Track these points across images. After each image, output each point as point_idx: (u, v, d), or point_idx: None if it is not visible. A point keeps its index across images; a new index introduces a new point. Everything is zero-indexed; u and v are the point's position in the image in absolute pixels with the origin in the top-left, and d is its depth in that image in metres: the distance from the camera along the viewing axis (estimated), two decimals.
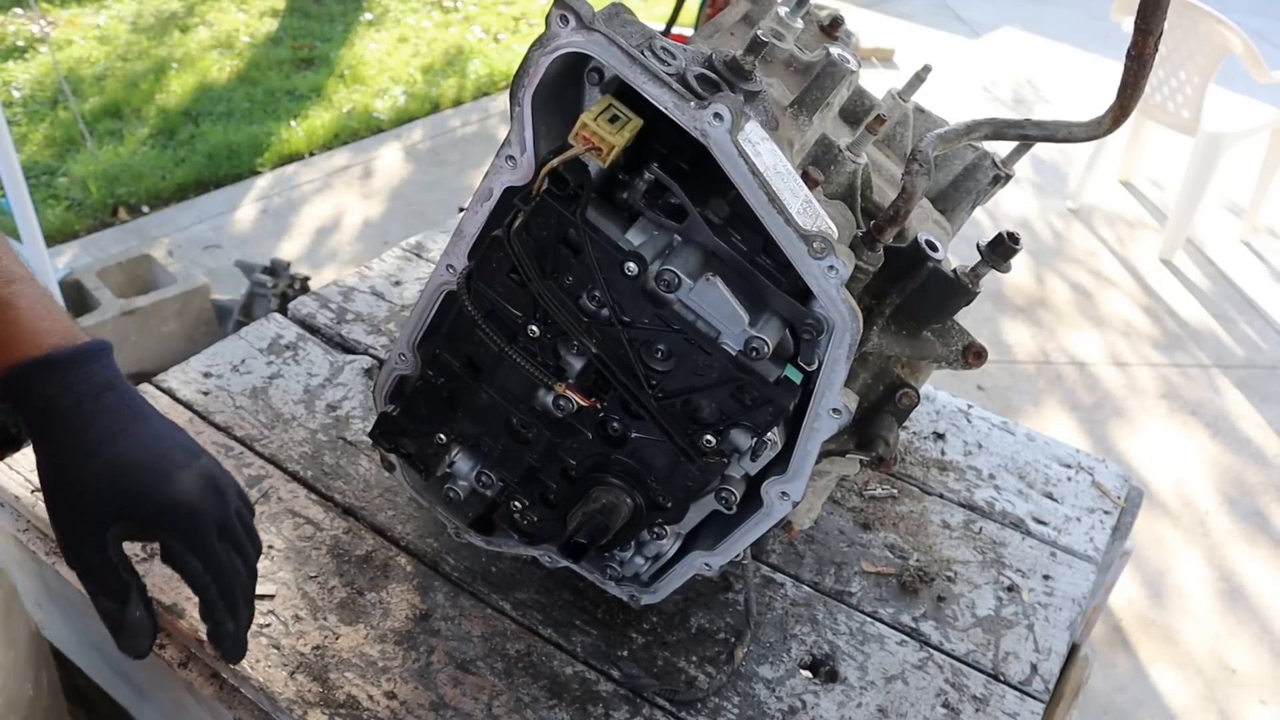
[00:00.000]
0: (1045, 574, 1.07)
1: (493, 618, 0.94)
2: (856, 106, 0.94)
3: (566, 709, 0.86)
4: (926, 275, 0.80)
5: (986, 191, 0.96)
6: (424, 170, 4.24)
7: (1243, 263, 4.18)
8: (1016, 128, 0.83)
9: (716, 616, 0.97)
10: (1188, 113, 3.92)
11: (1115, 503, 1.19)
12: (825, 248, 0.67)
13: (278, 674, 0.85)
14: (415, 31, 5.39)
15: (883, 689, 0.92)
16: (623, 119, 0.69)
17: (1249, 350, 3.63)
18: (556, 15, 0.67)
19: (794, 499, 0.77)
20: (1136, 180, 4.68)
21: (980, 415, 1.30)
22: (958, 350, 0.85)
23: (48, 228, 3.39)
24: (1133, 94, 0.74)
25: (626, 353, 0.74)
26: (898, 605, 1.01)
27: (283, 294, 2.87)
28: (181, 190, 3.88)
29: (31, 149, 3.96)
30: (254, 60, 4.86)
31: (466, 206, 0.78)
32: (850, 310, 0.69)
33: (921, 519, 1.12)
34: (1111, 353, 3.53)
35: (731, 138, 0.65)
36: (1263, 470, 3.06)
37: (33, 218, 2.59)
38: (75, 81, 4.41)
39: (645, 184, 0.70)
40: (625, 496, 0.80)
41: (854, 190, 0.85)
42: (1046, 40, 6.20)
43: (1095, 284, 3.92)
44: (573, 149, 0.69)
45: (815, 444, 0.75)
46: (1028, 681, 0.95)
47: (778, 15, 0.91)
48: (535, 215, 0.72)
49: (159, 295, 2.83)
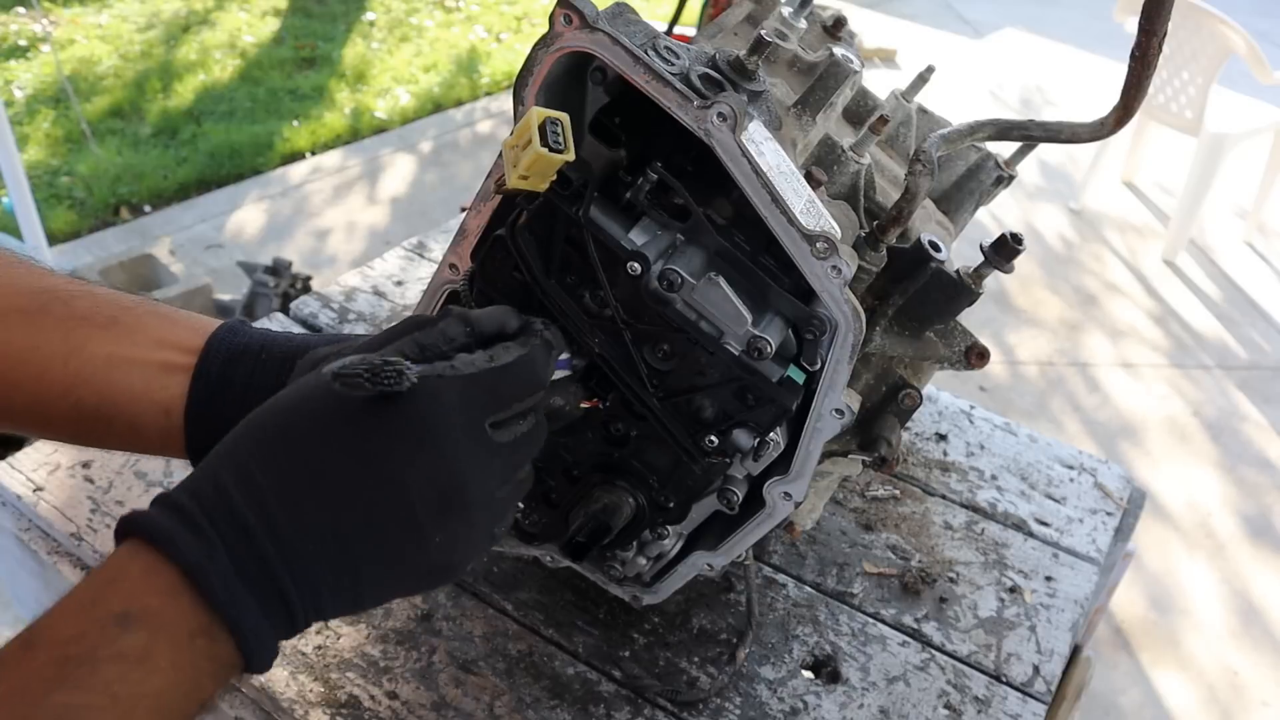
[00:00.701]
0: (1047, 575, 1.07)
1: (494, 618, 0.94)
2: (860, 107, 0.94)
3: (568, 709, 0.86)
4: (929, 276, 0.80)
5: (990, 192, 0.96)
6: (426, 170, 4.25)
7: (1246, 264, 4.18)
8: (1020, 128, 0.83)
9: (718, 617, 0.97)
10: (1191, 113, 3.92)
11: (1118, 504, 1.19)
12: (828, 248, 0.67)
13: (279, 673, 0.85)
14: (417, 31, 5.40)
15: (885, 690, 0.92)
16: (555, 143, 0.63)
17: (1252, 352, 3.62)
18: (560, 14, 0.67)
19: (796, 499, 0.77)
20: (1140, 181, 4.68)
21: (982, 416, 1.30)
22: (960, 351, 0.85)
23: (50, 227, 3.39)
24: (1136, 95, 0.74)
25: (629, 352, 0.73)
26: (900, 606, 1.01)
27: (284, 293, 2.88)
28: (183, 190, 3.88)
29: (34, 148, 3.96)
30: (256, 60, 4.87)
31: (469, 206, 0.78)
32: (853, 310, 0.69)
33: (924, 520, 1.12)
34: (1114, 354, 3.53)
35: (735, 137, 0.65)
36: (1265, 472, 3.06)
37: (35, 217, 2.60)
38: (78, 81, 4.41)
39: (649, 184, 0.70)
40: (627, 496, 0.80)
41: (857, 191, 0.85)
42: (1049, 41, 6.19)
43: (1098, 285, 3.91)
44: None
45: (818, 444, 0.75)
46: (1030, 683, 0.95)
47: (781, 15, 0.91)
48: (538, 214, 0.71)
49: (161, 295, 2.83)
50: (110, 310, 0.70)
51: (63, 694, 0.47)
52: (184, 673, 0.50)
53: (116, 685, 0.47)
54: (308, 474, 0.54)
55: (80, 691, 0.47)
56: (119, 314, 0.70)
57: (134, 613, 0.49)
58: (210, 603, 0.51)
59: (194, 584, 0.50)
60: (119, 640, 0.49)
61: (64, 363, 0.66)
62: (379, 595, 0.58)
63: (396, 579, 0.58)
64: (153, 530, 0.52)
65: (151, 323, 0.70)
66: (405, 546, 0.56)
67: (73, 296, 0.69)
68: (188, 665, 0.50)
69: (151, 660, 0.49)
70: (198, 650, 0.51)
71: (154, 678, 0.49)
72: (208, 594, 0.50)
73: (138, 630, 0.49)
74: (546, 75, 0.70)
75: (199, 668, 0.51)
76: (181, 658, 0.50)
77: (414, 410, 0.55)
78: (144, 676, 0.48)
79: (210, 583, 0.50)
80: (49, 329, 0.67)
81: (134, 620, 0.49)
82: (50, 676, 0.47)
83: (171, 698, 0.50)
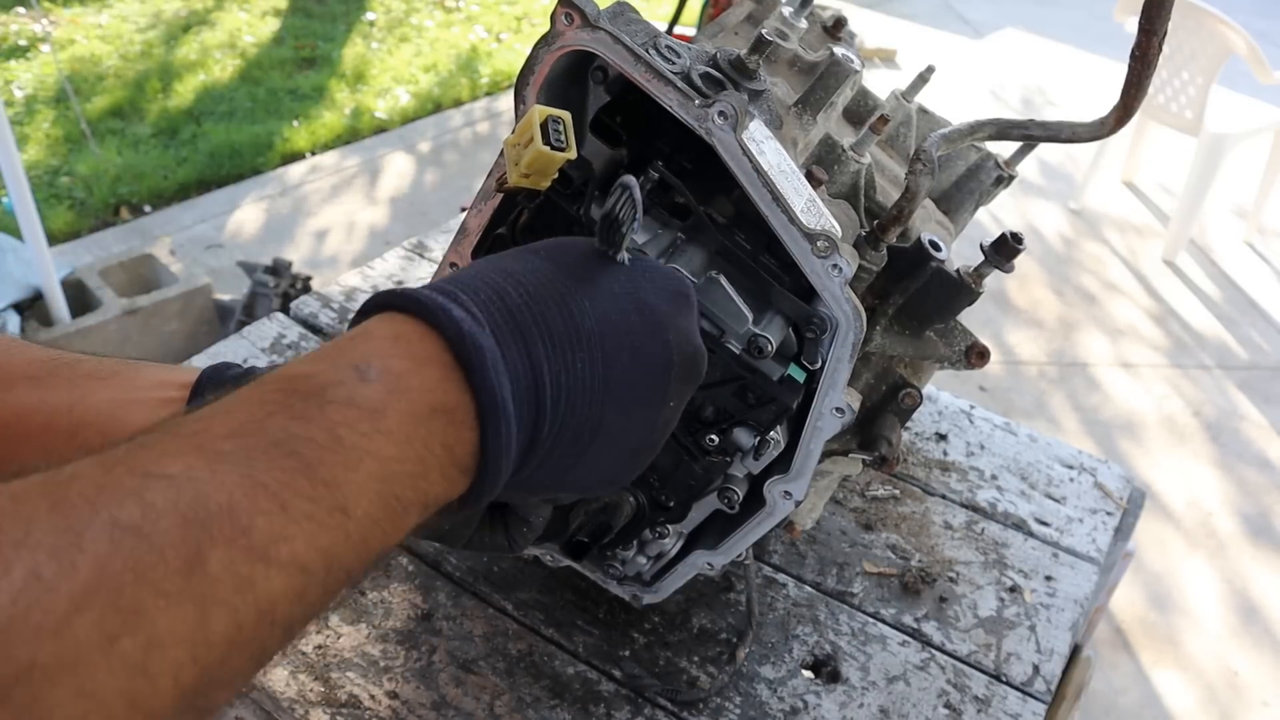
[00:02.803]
0: (1047, 575, 1.07)
1: (494, 617, 0.94)
2: (860, 107, 0.94)
3: (568, 709, 0.86)
4: (930, 275, 0.80)
5: (990, 192, 0.96)
6: (426, 170, 4.25)
7: (1246, 264, 4.18)
8: (1020, 128, 0.83)
9: (718, 616, 0.97)
10: (1191, 113, 3.92)
11: (1118, 504, 1.19)
12: (829, 246, 0.67)
13: (279, 673, 0.85)
14: (417, 31, 5.39)
15: (884, 690, 0.92)
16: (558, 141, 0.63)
17: (1252, 352, 3.62)
18: (561, 13, 0.67)
19: (797, 498, 0.77)
20: (1139, 181, 4.68)
21: (983, 416, 1.30)
22: (961, 350, 0.85)
23: (50, 227, 3.39)
24: (1136, 94, 0.74)
25: None
26: (900, 606, 1.01)
27: (285, 293, 2.88)
28: (184, 190, 3.88)
29: (34, 148, 3.96)
30: (256, 60, 4.86)
31: (469, 205, 0.78)
32: (854, 309, 0.69)
33: (924, 520, 1.12)
34: (1114, 354, 3.53)
35: (736, 136, 0.65)
36: (1265, 472, 3.06)
37: (35, 217, 2.60)
38: (77, 81, 4.41)
39: (649, 182, 0.70)
40: (628, 495, 0.80)
41: (858, 190, 0.85)
42: (1049, 41, 6.19)
43: (1098, 285, 3.91)
44: None
45: (818, 443, 0.75)
46: (1030, 682, 0.95)
47: (782, 15, 0.91)
48: (540, 213, 0.72)
49: (161, 295, 2.83)
50: (113, 366, 0.71)
51: (283, 419, 0.42)
52: (414, 450, 0.44)
53: (343, 429, 0.42)
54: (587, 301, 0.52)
55: (302, 423, 0.42)
56: (121, 369, 0.71)
57: (376, 367, 0.45)
58: (470, 379, 0.46)
59: (455, 354, 0.46)
60: (354, 386, 0.44)
61: (69, 410, 0.67)
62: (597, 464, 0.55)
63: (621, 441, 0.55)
64: (410, 301, 0.48)
65: (151, 371, 0.72)
66: (652, 400, 0.55)
67: (79, 361, 0.71)
68: (420, 443, 0.44)
69: (384, 418, 0.43)
70: (433, 431, 0.45)
71: (381, 440, 0.43)
72: (470, 367, 0.46)
73: (376, 384, 0.44)
74: (548, 74, 0.70)
75: (430, 452, 0.45)
76: (416, 431, 0.44)
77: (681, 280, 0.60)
78: (372, 432, 0.43)
79: (476, 357, 0.46)
80: (56, 387, 0.68)
81: (374, 373, 0.44)
82: (274, 403, 0.42)
83: (396, 473, 0.44)
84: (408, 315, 0.48)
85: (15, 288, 2.74)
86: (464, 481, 0.48)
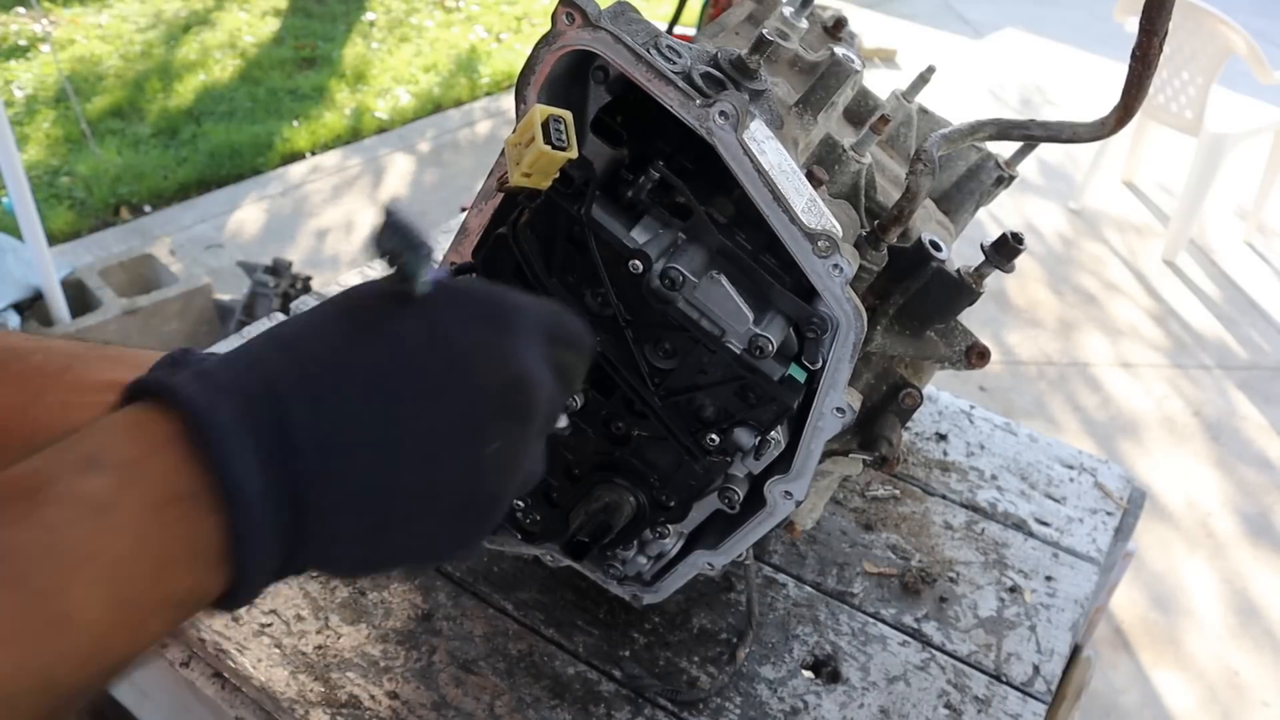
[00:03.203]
0: (1047, 575, 1.07)
1: (495, 617, 0.94)
2: (861, 107, 0.94)
3: (568, 709, 0.86)
4: (930, 275, 0.80)
5: (990, 192, 0.96)
6: (426, 170, 4.25)
7: (1246, 264, 4.18)
8: (1021, 128, 0.83)
9: (718, 617, 0.97)
10: (1191, 113, 3.92)
11: (1118, 504, 1.19)
12: (830, 246, 0.67)
13: (279, 673, 0.85)
14: (417, 31, 5.39)
15: (885, 690, 0.92)
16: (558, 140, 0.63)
17: (1252, 352, 3.62)
18: (562, 13, 0.67)
19: (797, 498, 0.77)
20: (1140, 181, 4.68)
21: (983, 416, 1.30)
22: (961, 350, 0.85)
23: (50, 227, 3.39)
24: (1137, 94, 0.74)
25: (630, 351, 0.73)
26: (900, 606, 1.01)
27: (285, 294, 2.88)
28: (184, 190, 3.88)
29: (34, 148, 3.96)
30: (256, 60, 4.86)
31: (470, 205, 0.78)
32: (855, 309, 0.69)
33: (924, 520, 1.12)
34: (1114, 354, 3.53)
35: (737, 136, 0.65)
36: (1265, 472, 3.06)
37: (35, 217, 2.60)
38: (77, 81, 4.41)
39: (650, 182, 0.70)
40: (628, 495, 0.80)
41: (858, 190, 0.85)
42: (1050, 41, 6.19)
43: (1098, 285, 3.91)
44: None
45: (819, 443, 0.75)
46: (1030, 683, 0.95)
47: (782, 15, 0.91)
48: (540, 213, 0.72)
49: (161, 295, 2.83)
50: (62, 360, 0.70)
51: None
52: (150, 545, 0.40)
53: (61, 530, 0.38)
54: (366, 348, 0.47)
55: (11, 528, 0.38)
56: (71, 362, 0.70)
57: (106, 457, 0.41)
58: (208, 458, 0.41)
59: (192, 435, 0.41)
60: (76, 480, 0.39)
61: (23, 412, 0.66)
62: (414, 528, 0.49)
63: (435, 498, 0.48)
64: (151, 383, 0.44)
65: (100, 367, 0.70)
66: (464, 444, 0.48)
67: (28, 352, 0.70)
68: (155, 538, 0.40)
69: (113, 513, 0.39)
70: (171, 521, 0.41)
71: (110, 538, 0.39)
72: (208, 446, 0.41)
73: (104, 476, 0.40)
74: (549, 74, 0.70)
75: (171, 546, 0.41)
76: (151, 524, 0.40)
77: (498, 301, 0.51)
78: (97, 530, 0.39)
79: (215, 434, 0.41)
80: (8, 384, 0.67)
81: (103, 464, 0.40)
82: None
83: (130, 574, 0.39)
84: (151, 399, 0.43)
85: (15, 288, 2.74)
86: (221, 573, 0.42)
